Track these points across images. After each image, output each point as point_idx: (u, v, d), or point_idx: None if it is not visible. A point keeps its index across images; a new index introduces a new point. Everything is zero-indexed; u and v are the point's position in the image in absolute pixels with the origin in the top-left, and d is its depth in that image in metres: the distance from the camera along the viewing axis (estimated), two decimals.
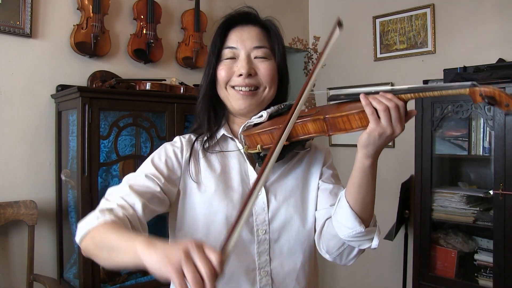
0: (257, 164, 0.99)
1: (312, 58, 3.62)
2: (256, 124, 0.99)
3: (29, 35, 2.12)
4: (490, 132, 2.33)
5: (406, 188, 2.81)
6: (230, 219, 0.94)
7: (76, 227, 2.18)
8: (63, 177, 2.12)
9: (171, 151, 1.01)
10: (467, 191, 2.47)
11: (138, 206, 0.88)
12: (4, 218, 1.97)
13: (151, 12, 2.50)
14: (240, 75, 0.97)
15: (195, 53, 2.70)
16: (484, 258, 2.38)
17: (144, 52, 2.50)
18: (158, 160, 0.98)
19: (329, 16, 3.52)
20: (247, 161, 1.01)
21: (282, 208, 0.98)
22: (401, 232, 2.88)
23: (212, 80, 1.02)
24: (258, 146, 0.92)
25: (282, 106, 1.02)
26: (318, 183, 1.04)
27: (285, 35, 1.06)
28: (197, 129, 1.06)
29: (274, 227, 0.97)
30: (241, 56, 0.99)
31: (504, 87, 2.17)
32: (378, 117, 0.79)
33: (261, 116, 0.99)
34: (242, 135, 0.98)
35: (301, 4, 3.60)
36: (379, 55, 3.19)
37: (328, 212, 0.98)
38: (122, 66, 2.47)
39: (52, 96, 2.21)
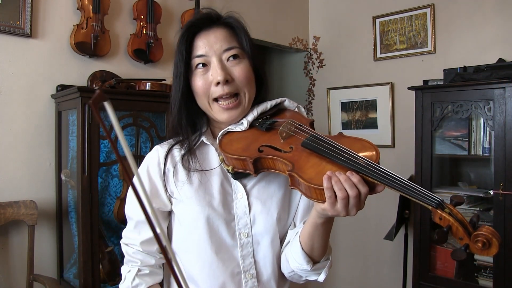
0: (231, 175, 0.96)
1: (312, 58, 3.62)
2: (235, 132, 0.97)
3: (29, 35, 2.12)
4: (490, 132, 2.33)
5: None
6: (211, 222, 0.96)
7: (76, 227, 2.17)
8: (63, 177, 2.12)
9: (149, 175, 1.01)
10: (467, 191, 2.47)
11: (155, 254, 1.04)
12: (4, 218, 1.97)
13: (151, 12, 2.50)
14: (218, 83, 0.94)
15: None
16: (484, 258, 2.38)
17: (144, 52, 2.50)
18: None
19: (329, 16, 3.52)
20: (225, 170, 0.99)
21: (264, 210, 0.97)
22: (401, 232, 2.88)
23: (185, 91, 0.99)
24: (230, 167, 0.91)
25: (264, 118, 0.99)
26: None
27: (284, 34, 1.04)
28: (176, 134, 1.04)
29: (256, 229, 0.97)
30: (213, 63, 0.95)
31: (504, 87, 2.17)
32: (337, 199, 0.77)
33: (242, 123, 0.97)
34: (218, 149, 0.96)
35: (301, 4, 3.60)
36: (379, 55, 3.19)
37: (294, 232, 0.99)
38: (122, 66, 2.47)
39: (52, 96, 2.21)
